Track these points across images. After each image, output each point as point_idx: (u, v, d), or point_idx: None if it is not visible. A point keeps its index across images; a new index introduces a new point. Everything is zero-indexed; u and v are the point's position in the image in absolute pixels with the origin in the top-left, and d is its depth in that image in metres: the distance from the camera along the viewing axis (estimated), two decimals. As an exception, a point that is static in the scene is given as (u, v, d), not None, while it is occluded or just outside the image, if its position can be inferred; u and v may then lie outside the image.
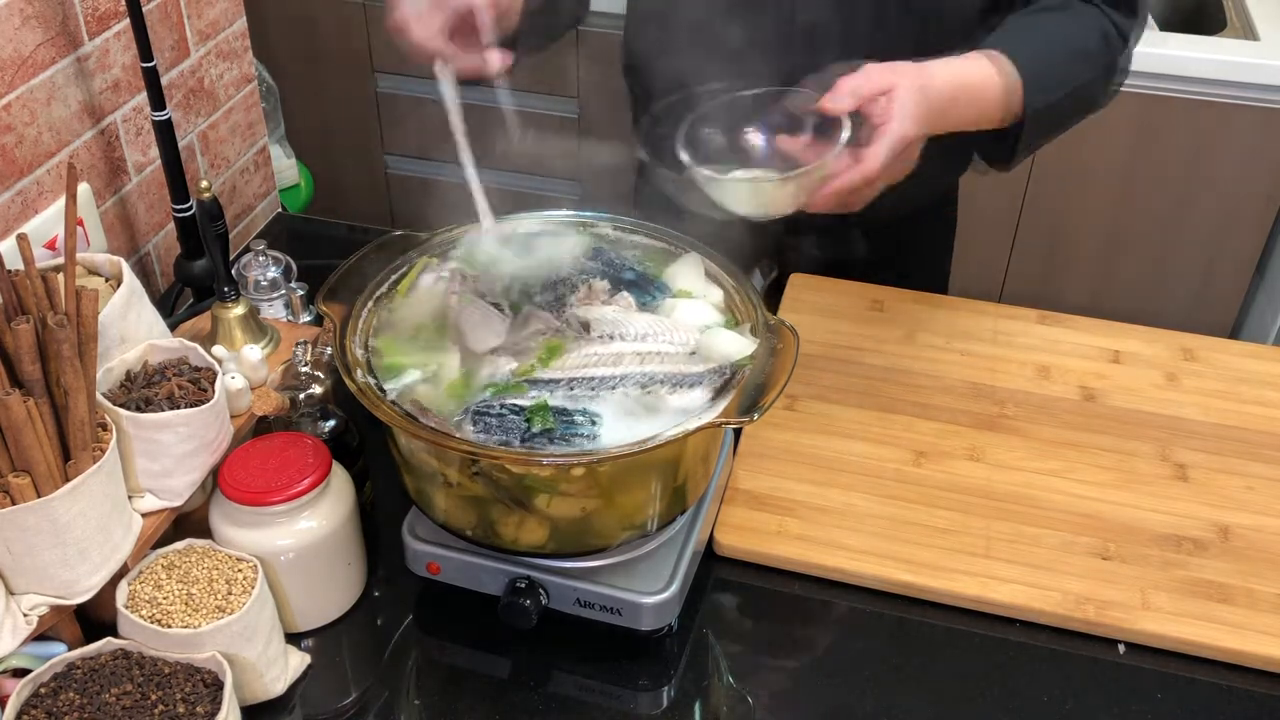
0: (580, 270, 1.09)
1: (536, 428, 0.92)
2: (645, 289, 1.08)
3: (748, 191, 1.03)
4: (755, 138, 1.06)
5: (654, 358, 0.99)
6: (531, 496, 0.94)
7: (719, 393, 0.95)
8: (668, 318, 1.04)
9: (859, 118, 1.02)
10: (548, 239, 1.12)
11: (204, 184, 1.15)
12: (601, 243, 1.13)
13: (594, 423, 0.94)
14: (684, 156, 1.02)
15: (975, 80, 1.11)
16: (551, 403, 0.95)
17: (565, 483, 0.94)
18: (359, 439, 1.13)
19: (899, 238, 1.48)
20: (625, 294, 1.07)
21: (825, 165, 0.99)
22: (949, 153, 1.15)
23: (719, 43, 1.28)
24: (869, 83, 1.01)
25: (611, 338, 1.01)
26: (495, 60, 0.97)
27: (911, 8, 1.23)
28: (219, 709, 0.89)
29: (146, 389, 1.00)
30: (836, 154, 0.99)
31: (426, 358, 1.00)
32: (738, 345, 1.00)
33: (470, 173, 1.03)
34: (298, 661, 1.02)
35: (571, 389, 0.97)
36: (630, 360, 0.98)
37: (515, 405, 0.94)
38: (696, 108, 1.05)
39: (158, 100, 1.25)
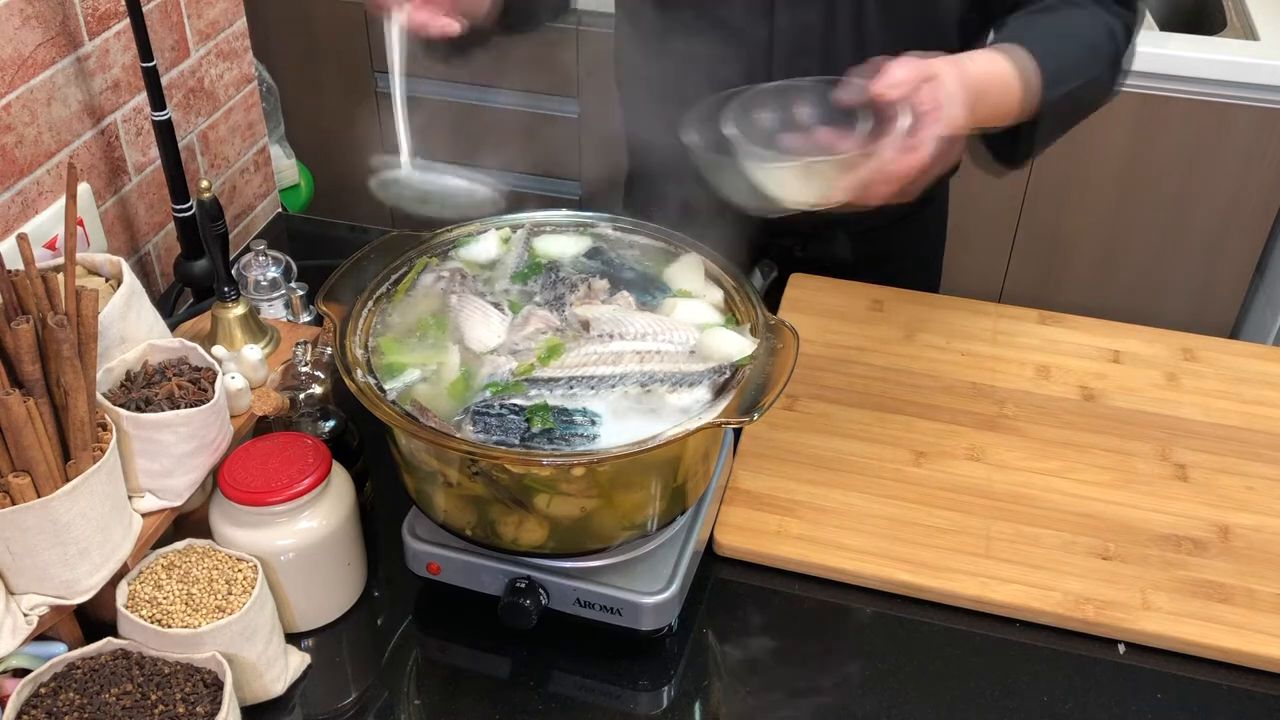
0: (580, 269, 1.09)
1: (536, 427, 0.92)
2: (645, 289, 1.08)
3: (800, 176, 1.01)
4: (797, 126, 1.04)
5: (654, 356, 0.99)
6: (531, 496, 0.94)
7: (719, 393, 0.95)
8: (667, 317, 1.04)
9: (891, 108, 1.00)
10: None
11: (204, 184, 1.15)
12: (601, 242, 1.13)
13: (594, 422, 0.94)
14: (731, 131, 1.00)
15: (1002, 75, 1.11)
16: (551, 402, 0.95)
17: (565, 482, 0.94)
18: (359, 439, 1.13)
19: (890, 238, 1.48)
20: (625, 293, 1.07)
21: (881, 151, 0.97)
22: None
23: (701, 48, 1.28)
24: (916, 70, 0.99)
25: (611, 337, 1.01)
26: (447, 25, 1.01)
27: (891, 10, 1.23)
28: (219, 709, 0.89)
29: (146, 389, 1.00)
30: (892, 140, 0.97)
31: (426, 357, 1.00)
32: (738, 345, 1.00)
33: (399, 107, 1.11)
34: (298, 661, 1.02)
35: (571, 388, 0.97)
36: (630, 359, 0.99)
37: (515, 405, 0.94)
38: (740, 97, 1.04)
39: (158, 100, 1.25)
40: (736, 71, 1.29)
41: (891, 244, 1.48)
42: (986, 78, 1.08)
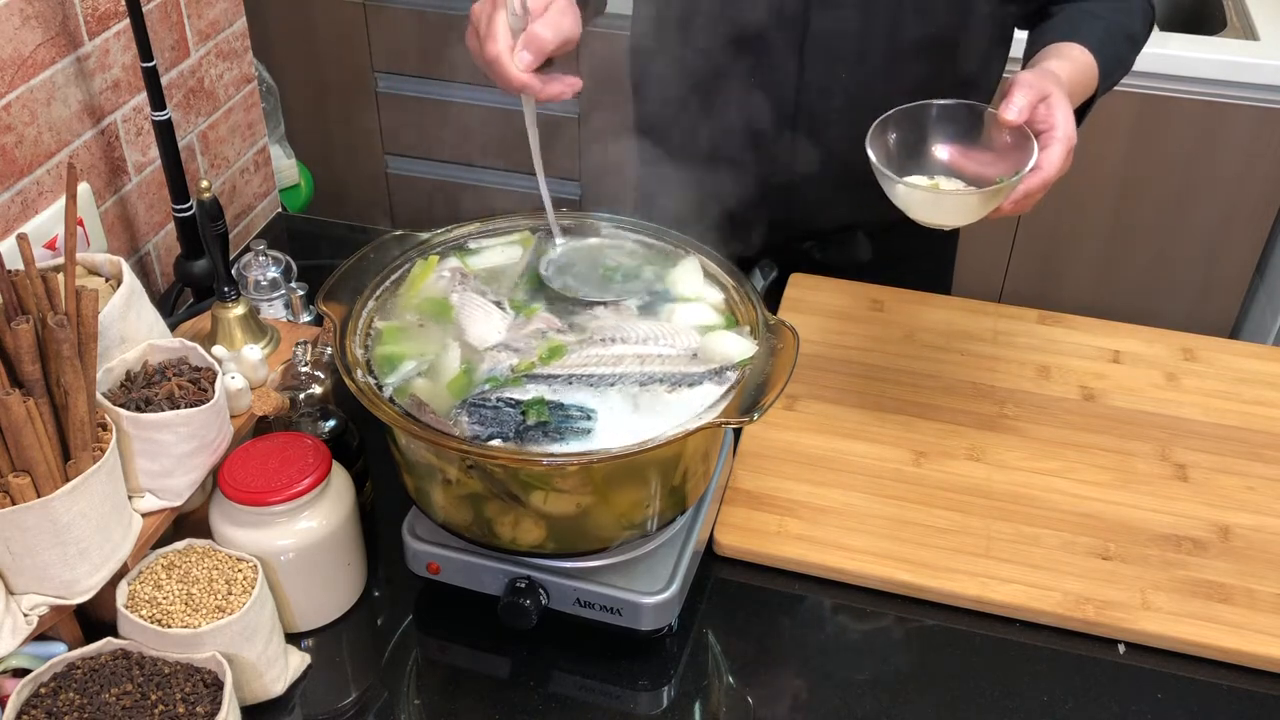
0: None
1: (531, 420, 0.92)
2: (648, 294, 1.08)
3: (951, 203, 1.07)
4: (936, 149, 1.10)
5: (655, 359, 0.99)
6: (528, 493, 0.94)
7: (719, 393, 0.95)
8: (668, 322, 1.04)
9: (1015, 133, 1.06)
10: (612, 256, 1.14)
11: (204, 184, 1.15)
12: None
13: (589, 417, 0.94)
14: (874, 158, 1.05)
15: (1083, 78, 1.18)
16: (548, 397, 0.95)
17: (562, 480, 0.94)
18: (359, 439, 1.13)
19: (902, 241, 1.48)
20: (627, 303, 1.07)
21: (1022, 177, 1.03)
22: None
23: (730, 52, 1.28)
24: (1034, 91, 1.05)
25: (613, 340, 1.01)
26: (574, 86, 1.03)
27: (926, 16, 1.24)
28: (219, 709, 0.89)
29: (146, 389, 1.00)
30: (1028, 168, 1.03)
31: (425, 348, 1.00)
32: (738, 347, 1.00)
33: (544, 193, 1.09)
34: (298, 661, 1.02)
35: (570, 383, 0.97)
36: (630, 362, 0.99)
37: (511, 399, 0.94)
38: (881, 117, 1.09)
39: (158, 100, 1.25)
40: (764, 75, 1.30)
41: (907, 244, 1.48)
42: (1074, 85, 1.15)
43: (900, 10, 1.25)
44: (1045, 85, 1.05)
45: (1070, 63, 1.16)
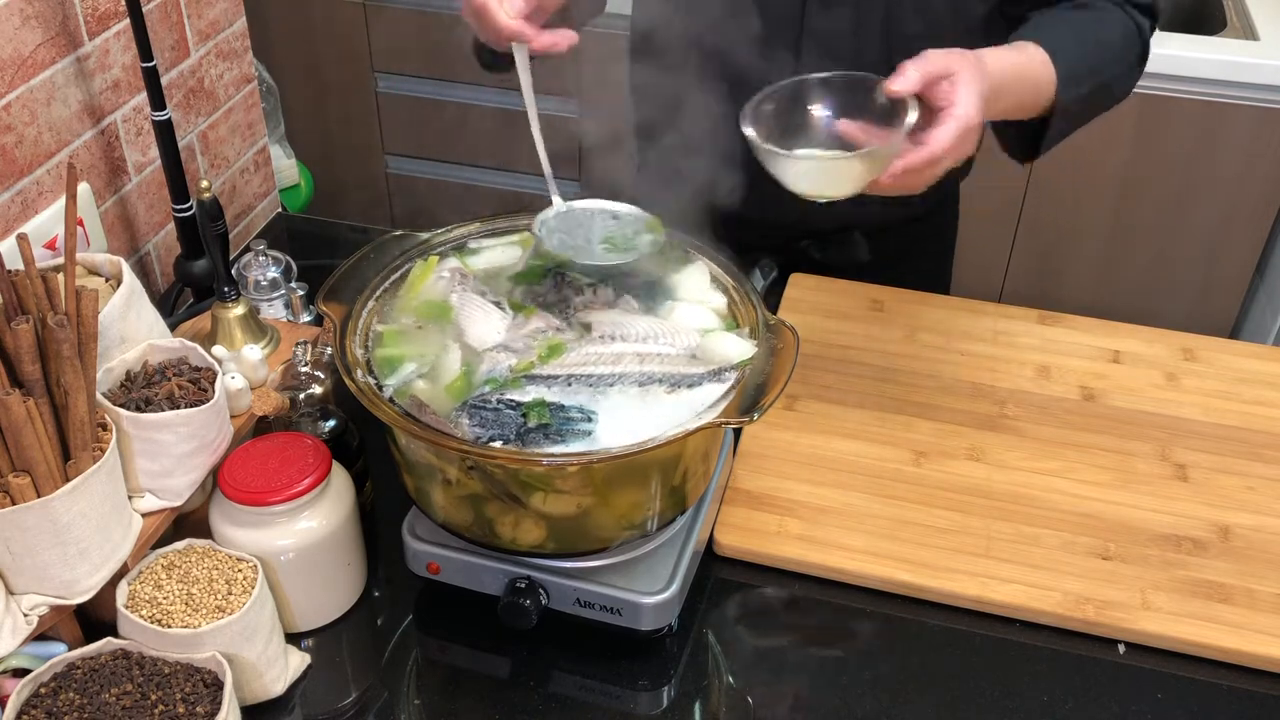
0: (587, 274, 1.10)
1: (532, 423, 0.92)
2: (649, 293, 1.08)
3: (815, 170, 1.03)
4: (819, 120, 1.06)
5: (654, 359, 0.99)
6: (528, 494, 0.94)
7: (719, 393, 0.95)
8: (667, 320, 1.04)
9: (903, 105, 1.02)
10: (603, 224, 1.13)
11: (204, 184, 1.15)
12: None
13: (590, 419, 0.94)
14: (750, 133, 1.02)
15: (1024, 70, 1.13)
16: (549, 398, 0.95)
17: (562, 480, 0.94)
18: (359, 439, 1.13)
19: (900, 241, 1.48)
20: (628, 297, 1.07)
21: (893, 146, 0.99)
22: None
23: (729, 51, 1.28)
24: (932, 65, 1.01)
25: (612, 338, 1.01)
26: (569, 38, 0.98)
27: (921, 12, 1.24)
28: (219, 709, 0.89)
29: (146, 389, 1.00)
30: (904, 134, 0.99)
31: (425, 349, 1.00)
32: (738, 348, 1.00)
33: (541, 151, 1.05)
34: (298, 661, 1.02)
35: (569, 385, 0.97)
36: (630, 360, 0.99)
37: (511, 400, 0.94)
38: (765, 90, 1.06)
39: (158, 100, 1.25)
40: (763, 73, 1.30)
41: (905, 244, 1.48)
42: (1007, 73, 1.10)
43: (897, 9, 1.24)
44: (951, 63, 1.01)
45: (1013, 51, 1.12)
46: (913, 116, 0.99)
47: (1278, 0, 2.28)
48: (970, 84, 1.01)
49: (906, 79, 0.99)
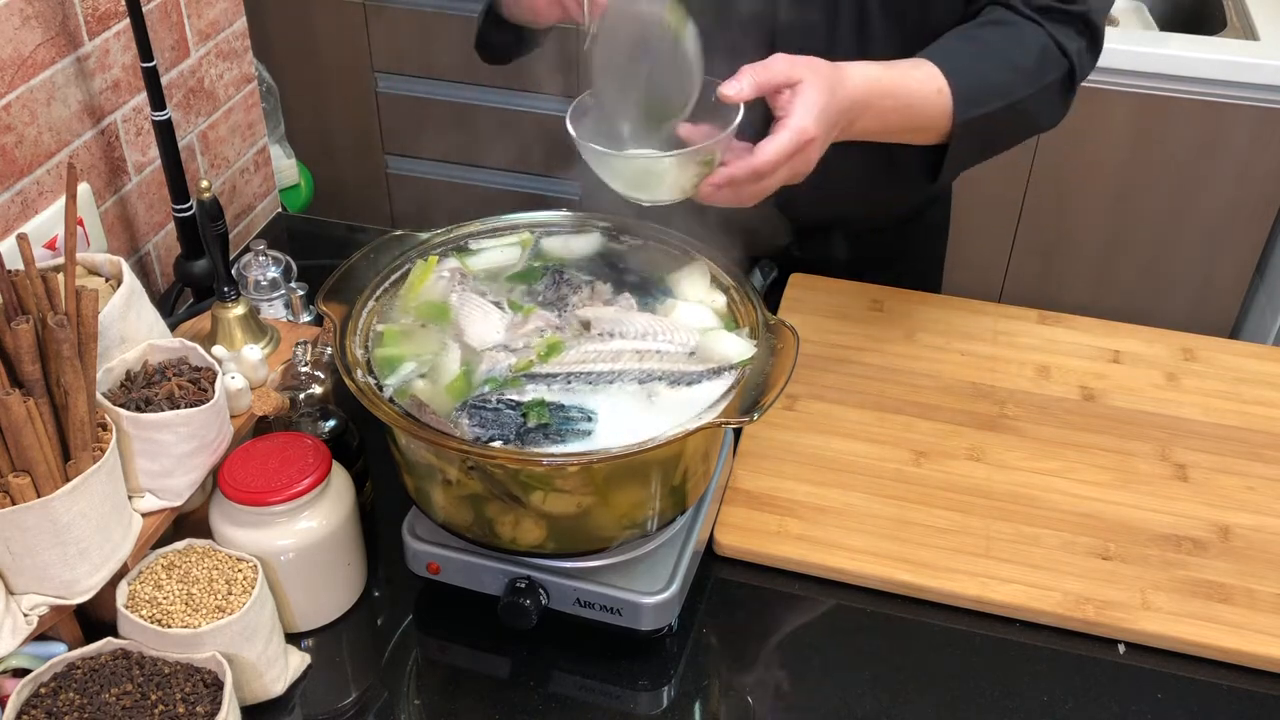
0: (584, 271, 1.10)
1: (532, 423, 0.93)
2: (648, 290, 1.08)
3: (632, 170, 0.99)
4: (685, 130, 1.01)
5: (653, 356, 0.99)
6: (528, 493, 0.94)
7: (718, 392, 0.95)
8: (666, 318, 1.04)
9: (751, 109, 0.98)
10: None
11: (204, 184, 1.15)
12: (606, 244, 1.13)
13: (589, 419, 0.94)
14: (572, 131, 0.98)
15: (897, 87, 1.07)
16: (549, 398, 0.95)
17: (562, 480, 0.94)
18: (359, 439, 1.13)
19: (894, 239, 1.48)
20: (627, 295, 1.07)
21: (712, 150, 0.94)
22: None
23: (706, 48, 1.28)
24: (771, 73, 0.97)
25: (611, 335, 1.01)
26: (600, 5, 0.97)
27: (891, 9, 1.22)
28: (219, 709, 0.89)
29: (146, 389, 1.00)
30: (723, 139, 0.94)
31: (424, 348, 1.00)
32: (737, 348, 1.00)
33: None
34: (298, 661, 1.02)
35: (569, 383, 0.97)
36: (629, 358, 0.99)
37: (511, 400, 0.94)
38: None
39: (158, 100, 1.25)
40: (734, 71, 1.29)
41: (894, 244, 1.48)
42: (875, 89, 1.05)
43: (866, 6, 1.22)
44: (796, 72, 0.97)
45: (888, 68, 1.07)
46: (735, 121, 0.94)
47: (1278, 0, 2.28)
48: (812, 96, 0.97)
49: (740, 85, 0.96)
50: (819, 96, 0.97)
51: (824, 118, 0.97)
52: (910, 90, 1.08)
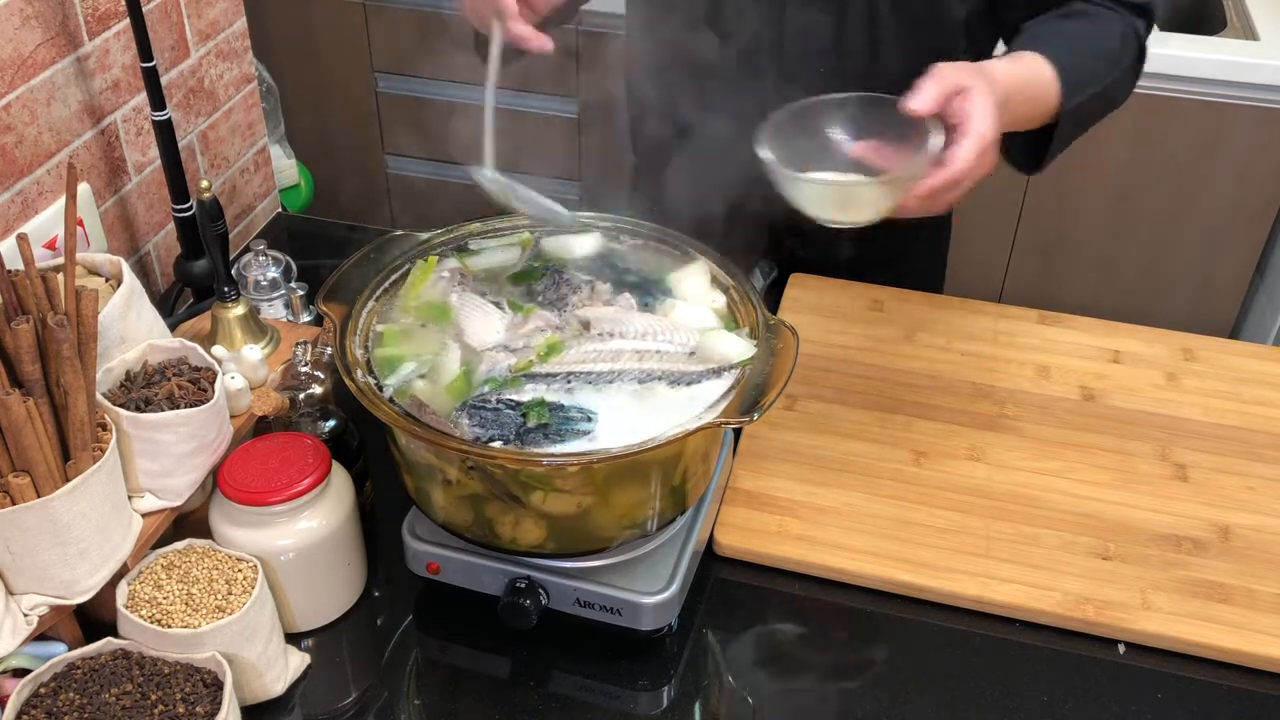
0: (584, 271, 1.10)
1: (532, 422, 0.93)
2: (648, 290, 1.08)
3: (830, 194, 1.01)
4: (837, 141, 1.04)
5: (653, 356, 0.99)
6: (528, 493, 0.94)
7: (719, 393, 0.95)
8: (666, 317, 1.04)
9: (923, 124, 1.01)
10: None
11: (204, 184, 1.15)
12: (606, 244, 1.13)
13: (589, 419, 0.94)
14: (765, 155, 1.00)
15: (1027, 81, 1.12)
16: (548, 398, 0.95)
17: (562, 480, 0.94)
18: (359, 439, 1.13)
19: (896, 239, 1.48)
20: (626, 295, 1.07)
21: (915, 169, 0.97)
22: None
23: (710, 52, 1.28)
24: (945, 83, 0.99)
25: (611, 335, 1.01)
26: (545, 42, 1.00)
27: (901, 10, 1.23)
28: (219, 709, 0.89)
29: (146, 389, 1.00)
30: (928, 157, 0.97)
31: (424, 348, 1.00)
32: (737, 348, 1.00)
33: (489, 113, 1.07)
34: (298, 661, 1.02)
35: (569, 383, 0.97)
36: (629, 358, 0.99)
37: (511, 400, 0.94)
38: (779, 111, 1.05)
39: (158, 100, 1.25)
40: (746, 71, 1.29)
41: (897, 245, 1.48)
42: (1015, 84, 1.09)
43: (874, 6, 1.23)
44: (963, 78, 1.00)
45: (1016, 63, 1.11)
46: (938, 140, 0.97)
47: (1278, 0, 2.28)
48: (984, 98, 0.99)
49: (925, 97, 0.98)
50: (988, 99, 1.00)
51: (996, 119, 1.01)
52: (1033, 82, 1.13)
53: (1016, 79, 1.10)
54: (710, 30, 1.27)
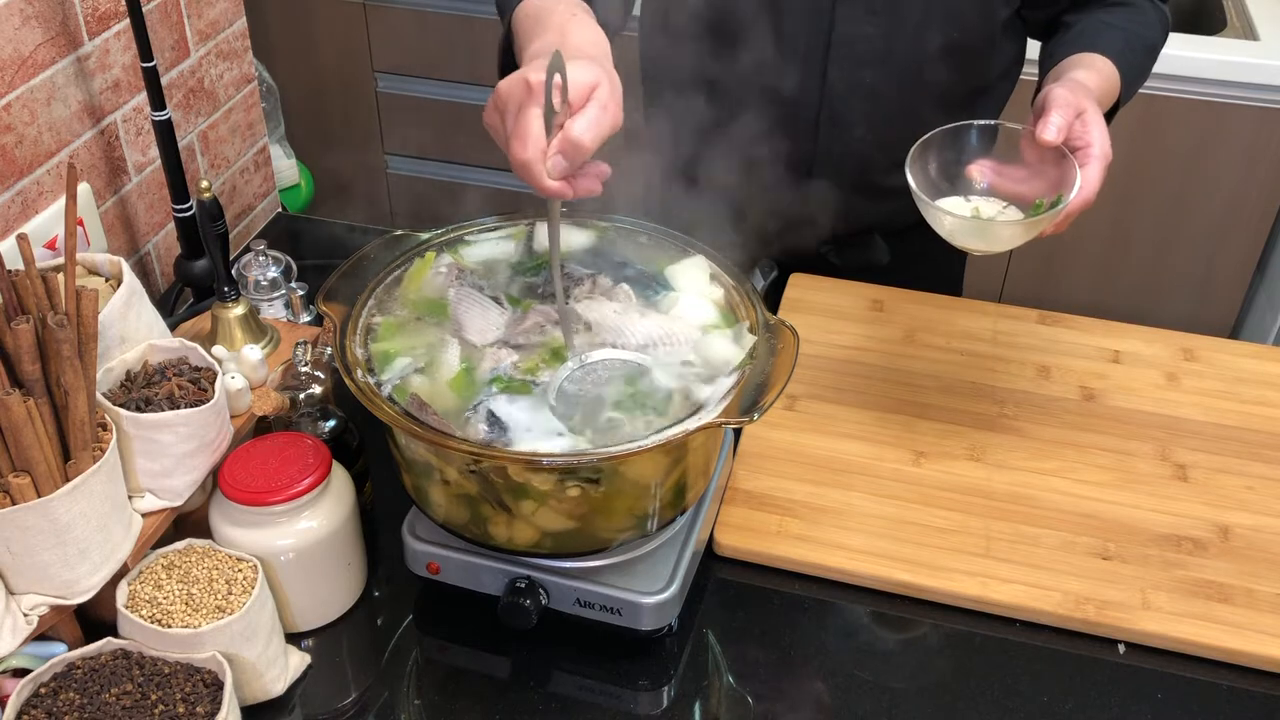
0: (584, 265, 1.09)
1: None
2: (646, 284, 1.08)
3: (976, 229, 1.05)
4: (976, 172, 1.09)
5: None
6: (528, 493, 0.94)
7: (719, 393, 0.95)
8: (666, 315, 1.04)
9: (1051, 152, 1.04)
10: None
11: (204, 184, 1.15)
12: (604, 237, 1.13)
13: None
14: (910, 180, 1.04)
15: (1108, 88, 1.17)
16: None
17: (558, 493, 0.94)
18: (359, 439, 1.13)
19: (919, 239, 1.47)
20: (624, 287, 1.06)
21: (1068, 202, 1.01)
22: None
23: (752, 54, 1.28)
24: (1068, 107, 1.02)
25: (613, 347, 1.01)
26: (602, 175, 0.96)
27: (950, 16, 1.25)
28: (219, 709, 0.89)
29: (146, 389, 1.00)
30: (1073, 192, 1.00)
31: (419, 342, 1.00)
32: (735, 352, 0.99)
33: (561, 305, 1.02)
34: (298, 661, 1.02)
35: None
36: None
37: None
38: (925, 135, 1.08)
39: (158, 100, 1.25)
40: (788, 77, 1.30)
41: (919, 245, 1.48)
42: (1103, 98, 1.14)
43: (926, 14, 1.25)
44: (1080, 101, 1.04)
45: (1096, 74, 1.15)
46: (1080, 171, 1.01)
47: (1278, 0, 2.28)
48: (1099, 119, 1.03)
49: (1056, 127, 1.01)
50: (1100, 119, 1.04)
51: (1108, 136, 1.04)
52: (1110, 91, 1.17)
53: (1100, 88, 1.14)
54: (754, 35, 1.29)
